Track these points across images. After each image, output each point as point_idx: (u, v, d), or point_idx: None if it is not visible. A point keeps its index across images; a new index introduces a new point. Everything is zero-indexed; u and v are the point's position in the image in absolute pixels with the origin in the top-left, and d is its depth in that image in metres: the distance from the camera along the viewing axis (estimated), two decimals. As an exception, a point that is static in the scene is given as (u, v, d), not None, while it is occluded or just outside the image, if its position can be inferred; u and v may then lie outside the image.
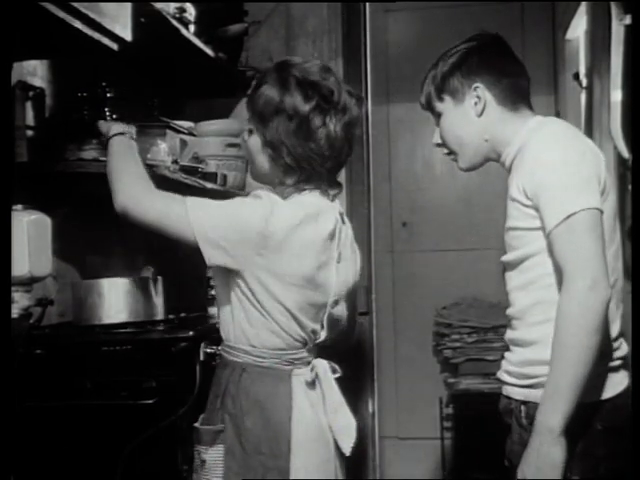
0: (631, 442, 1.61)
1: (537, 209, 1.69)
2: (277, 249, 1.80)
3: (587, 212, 1.63)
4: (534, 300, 1.75)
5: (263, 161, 1.91)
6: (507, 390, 1.83)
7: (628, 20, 2.38)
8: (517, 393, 1.78)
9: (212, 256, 1.80)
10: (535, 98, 1.88)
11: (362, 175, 3.66)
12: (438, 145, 1.96)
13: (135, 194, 1.85)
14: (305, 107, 1.83)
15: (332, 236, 1.89)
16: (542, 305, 1.72)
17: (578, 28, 3.74)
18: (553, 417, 1.60)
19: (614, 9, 2.44)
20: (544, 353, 1.67)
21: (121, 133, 1.99)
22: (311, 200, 1.88)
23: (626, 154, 2.44)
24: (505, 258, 1.82)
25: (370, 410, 3.78)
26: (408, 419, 4.61)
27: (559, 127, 1.80)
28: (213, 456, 1.84)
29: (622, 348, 1.77)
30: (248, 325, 1.85)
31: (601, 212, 1.66)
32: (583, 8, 3.37)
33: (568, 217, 1.63)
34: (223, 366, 1.90)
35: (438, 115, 1.92)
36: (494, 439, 1.90)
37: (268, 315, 1.83)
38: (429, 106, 1.94)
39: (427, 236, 4.65)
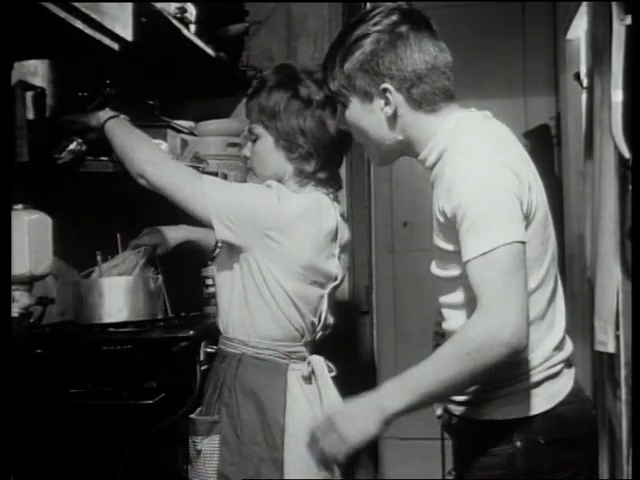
0: (631, 445, 1.59)
1: (457, 232, 1.55)
2: (284, 233, 1.84)
3: (508, 247, 1.47)
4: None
5: (277, 159, 1.95)
6: (447, 405, 1.75)
7: (629, 20, 2.37)
8: (455, 409, 1.72)
9: (221, 230, 1.84)
10: (536, 99, 1.85)
11: (362, 175, 3.66)
12: (344, 129, 1.80)
13: (153, 158, 1.90)
14: (320, 94, 1.91)
15: (334, 233, 1.94)
16: None
17: (579, 28, 3.74)
18: (395, 401, 1.53)
19: (615, 9, 2.44)
20: None
21: (113, 116, 2.00)
22: (315, 196, 1.93)
23: (627, 154, 2.44)
24: (435, 272, 1.70)
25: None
26: (408, 419, 4.59)
27: (477, 136, 1.60)
28: (208, 446, 1.86)
29: (564, 350, 1.67)
30: (247, 312, 1.88)
31: (523, 243, 1.50)
32: (584, 8, 3.36)
33: (485, 253, 1.48)
34: (221, 358, 1.94)
35: (342, 104, 1.72)
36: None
37: (271, 298, 1.86)
38: (331, 92, 1.73)
39: (427, 236, 4.60)
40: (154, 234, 2.15)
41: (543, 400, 1.61)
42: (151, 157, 1.90)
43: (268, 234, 1.83)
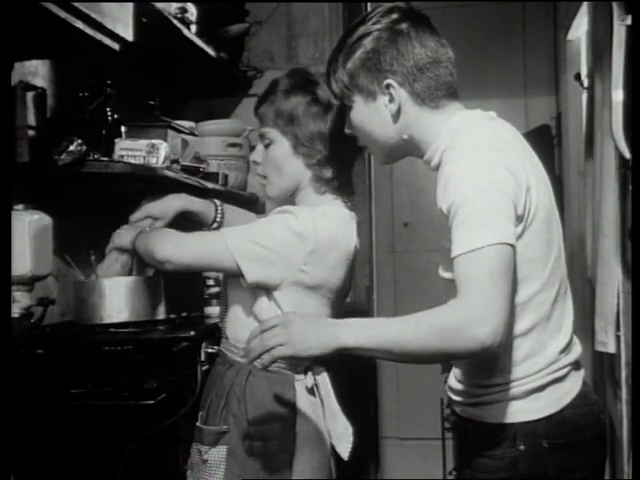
0: (631, 445, 1.58)
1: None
2: (318, 263, 1.82)
3: (496, 247, 1.44)
4: None
5: (295, 165, 1.89)
6: (453, 406, 1.72)
7: (629, 20, 2.38)
8: (462, 411, 1.69)
9: (252, 274, 1.79)
10: (536, 99, 1.83)
11: (363, 175, 3.67)
12: (349, 134, 1.78)
13: (171, 242, 1.86)
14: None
15: (355, 252, 1.93)
16: None
17: (579, 28, 3.75)
18: (350, 337, 1.49)
19: (615, 9, 2.44)
20: (486, 378, 1.60)
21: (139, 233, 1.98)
22: (339, 213, 1.89)
23: (627, 154, 2.44)
24: (442, 275, 1.66)
25: (371, 410, 3.79)
26: (409, 419, 4.61)
27: (475, 135, 1.59)
28: (215, 456, 1.84)
29: (572, 353, 1.64)
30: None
31: (512, 246, 1.47)
32: (584, 8, 3.37)
33: (472, 250, 1.45)
34: (226, 365, 1.90)
35: (347, 106, 1.70)
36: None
37: None
38: (335, 95, 1.72)
39: (428, 236, 4.65)
40: (152, 205, 2.05)
41: (548, 404, 1.59)
42: (169, 242, 1.86)
43: (302, 269, 1.81)
